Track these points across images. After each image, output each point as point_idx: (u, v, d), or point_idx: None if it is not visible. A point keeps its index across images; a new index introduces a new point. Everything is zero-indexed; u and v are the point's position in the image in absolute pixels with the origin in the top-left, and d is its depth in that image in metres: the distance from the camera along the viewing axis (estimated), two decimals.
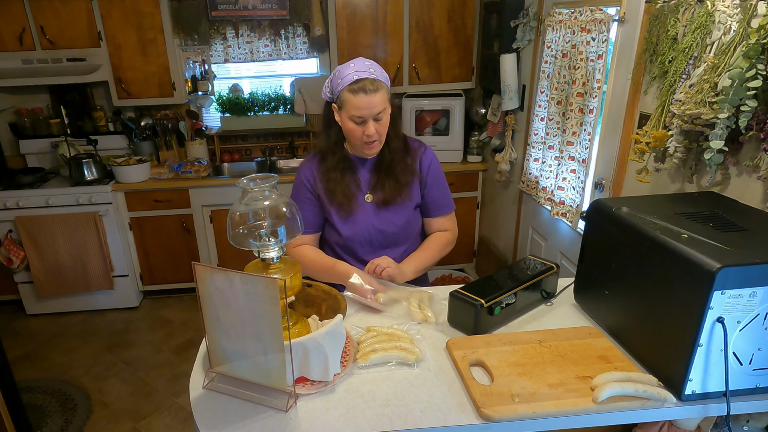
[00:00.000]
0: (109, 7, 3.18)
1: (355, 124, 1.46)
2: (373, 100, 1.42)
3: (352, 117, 1.45)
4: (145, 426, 2.54)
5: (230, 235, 1.16)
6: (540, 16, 2.73)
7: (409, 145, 1.64)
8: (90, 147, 3.52)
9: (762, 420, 1.21)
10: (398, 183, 1.58)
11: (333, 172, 1.58)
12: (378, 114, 1.45)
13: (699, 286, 0.95)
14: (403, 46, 3.49)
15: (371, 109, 1.43)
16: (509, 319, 1.37)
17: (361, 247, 1.64)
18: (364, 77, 1.42)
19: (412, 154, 1.62)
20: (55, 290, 3.40)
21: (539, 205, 2.84)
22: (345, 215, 1.60)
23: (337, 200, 1.59)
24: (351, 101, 1.43)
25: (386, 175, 1.59)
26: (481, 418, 1.01)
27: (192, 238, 3.54)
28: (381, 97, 1.44)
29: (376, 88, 1.43)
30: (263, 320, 1.00)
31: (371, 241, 1.63)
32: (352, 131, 1.48)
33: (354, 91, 1.42)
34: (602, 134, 2.25)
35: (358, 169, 1.62)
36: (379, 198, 1.60)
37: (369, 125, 1.45)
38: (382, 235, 1.62)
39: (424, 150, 1.65)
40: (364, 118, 1.44)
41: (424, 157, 1.63)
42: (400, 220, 1.62)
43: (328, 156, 1.59)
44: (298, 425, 1.00)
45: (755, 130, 1.33)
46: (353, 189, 1.60)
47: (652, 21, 1.76)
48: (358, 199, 1.61)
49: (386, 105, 1.47)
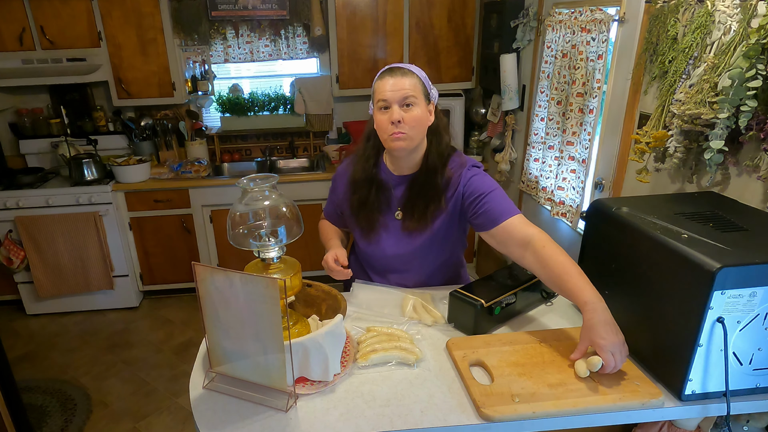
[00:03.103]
0: (109, 7, 3.18)
1: (382, 113, 1.37)
2: (399, 83, 1.34)
3: (378, 103, 1.37)
4: (145, 426, 2.54)
5: (230, 235, 1.16)
6: (540, 16, 2.73)
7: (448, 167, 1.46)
8: (90, 147, 3.52)
9: (762, 420, 1.21)
10: (426, 210, 1.45)
11: (358, 193, 1.51)
12: (405, 98, 1.34)
13: (699, 286, 0.95)
14: (403, 46, 3.49)
15: (396, 91, 1.34)
16: (509, 319, 1.37)
17: (380, 263, 1.60)
18: (395, 66, 1.39)
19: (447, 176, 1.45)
20: (55, 290, 3.40)
21: (539, 205, 2.84)
22: (365, 233, 1.54)
23: (360, 224, 1.54)
24: (377, 87, 1.38)
25: (418, 196, 1.46)
26: (481, 418, 1.01)
27: (192, 238, 3.54)
28: (410, 82, 1.35)
29: (404, 73, 1.36)
30: (263, 320, 1.00)
31: (388, 260, 1.57)
32: (379, 123, 1.39)
33: (382, 75, 1.39)
34: (602, 134, 2.25)
35: (392, 184, 1.51)
36: (407, 223, 1.48)
37: (394, 110, 1.34)
38: (399, 258, 1.55)
39: (460, 174, 1.45)
40: (388, 101, 1.35)
41: (460, 183, 1.44)
42: (418, 242, 1.51)
43: (359, 172, 1.51)
44: (298, 425, 1.00)
45: (755, 130, 1.33)
46: (377, 210, 1.51)
47: (652, 21, 1.76)
48: (380, 221, 1.52)
49: (418, 95, 1.36)
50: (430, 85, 1.43)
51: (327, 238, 1.65)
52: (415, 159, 1.47)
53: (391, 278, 1.60)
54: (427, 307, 1.39)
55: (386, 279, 1.61)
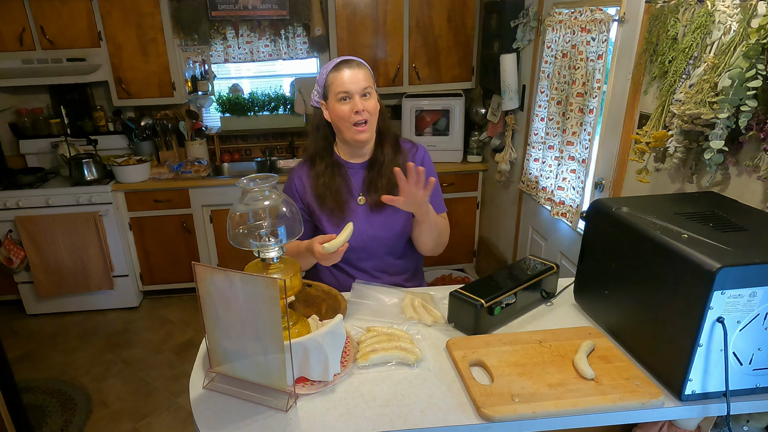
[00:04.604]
0: (109, 7, 3.18)
1: (342, 104, 1.45)
2: (357, 75, 1.44)
3: (338, 94, 1.45)
4: (145, 426, 2.54)
5: (230, 235, 1.16)
6: (540, 16, 2.73)
7: (401, 146, 1.62)
8: (90, 147, 3.52)
9: (762, 420, 1.21)
10: (390, 183, 1.53)
11: (322, 177, 1.56)
12: (364, 89, 1.45)
13: (699, 286, 0.95)
14: (403, 46, 3.49)
15: (357, 83, 1.44)
16: (509, 319, 1.36)
17: (356, 255, 1.59)
18: (348, 58, 1.49)
19: (404, 154, 1.60)
20: (55, 290, 3.40)
21: (539, 205, 2.84)
22: (337, 221, 1.56)
23: (328, 206, 1.56)
24: (336, 79, 1.45)
25: (378, 175, 1.55)
26: (481, 418, 1.01)
27: (192, 238, 3.54)
28: (364, 74, 1.46)
29: (359, 65, 1.46)
30: (263, 320, 1.00)
31: (366, 247, 1.58)
32: (341, 113, 1.45)
33: (338, 68, 1.46)
34: (602, 134, 2.25)
35: (349, 171, 1.59)
36: (372, 200, 1.56)
37: (356, 100, 1.44)
38: (376, 241, 1.58)
39: (416, 150, 1.62)
40: (350, 92, 1.44)
41: (416, 157, 1.60)
42: (396, 225, 1.57)
43: (317, 161, 1.58)
44: (298, 425, 1.00)
45: (755, 130, 1.33)
46: (344, 193, 1.57)
47: (652, 21, 1.76)
48: (349, 204, 1.58)
49: (371, 84, 1.47)
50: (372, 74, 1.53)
51: (295, 245, 1.53)
52: (369, 146, 1.58)
53: (365, 266, 1.61)
54: (427, 307, 1.39)
55: (359, 269, 1.62)
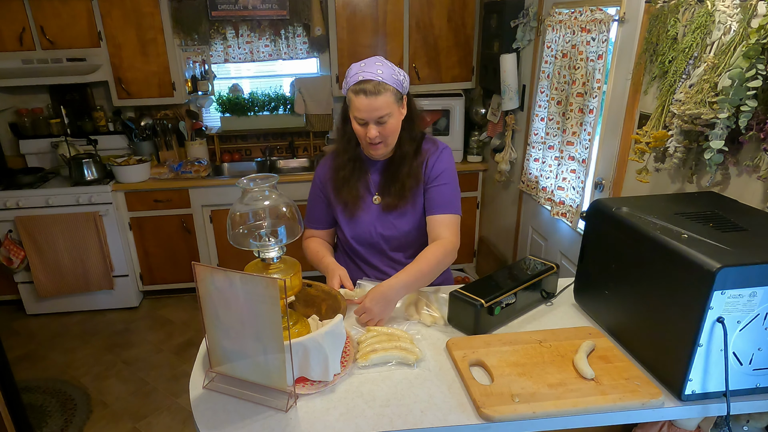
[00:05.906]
0: (109, 7, 3.18)
1: (358, 124, 1.46)
2: (373, 104, 1.39)
3: (355, 118, 1.45)
4: (145, 426, 2.54)
5: (230, 235, 1.16)
6: (540, 16, 2.73)
7: (422, 148, 1.57)
8: (90, 147, 3.52)
9: (762, 420, 1.21)
10: (403, 187, 1.54)
11: (342, 171, 1.57)
12: (380, 118, 1.41)
13: (699, 286, 0.95)
14: (403, 46, 3.49)
15: (371, 112, 1.40)
16: (509, 319, 1.37)
17: (366, 250, 1.63)
18: (368, 79, 1.38)
19: (421, 158, 1.56)
20: (55, 290, 3.40)
21: (539, 205, 2.84)
22: (349, 215, 1.59)
23: (342, 199, 1.58)
24: (354, 102, 1.42)
25: (393, 178, 1.55)
26: (481, 418, 1.01)
27: (192, 238, 3.54)
28: (384, 101, 1.39)
29: (378, 91, 1.38)
30: (263, 320, 1.00)
31: (373, 244, 1.61)
32: (358, 131, 1.47)
33: (356, 92, 1.40)
34: (602, 134, 2.25)
35: (369, 169, 1.59)
36: (386, 202, 1.57)
37: (370, 128, 1.43)
38: (385, 239, 1.60)
39: (435, 151, 1.57)
40: (365, 120, 1.42)
41: (431, 159, 1.55)
42: (405, 226, 1.58)
43: (341, 153, 1.58)
44: (298, 425, 1.00)
45: (755, 130, 1.33)
46: (361, 190, 1.58)
47: (652, 21, 1.76)
48: (365, 200, 1.59)
49: (392, 109, 1.42)
50: (400, 81, 1.45)
51: (319, 257, 1.62)
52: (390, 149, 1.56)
53: (375, 261, 1.63)
54: (427, 306, 1.39)
55: (370, 265, 1.64)
